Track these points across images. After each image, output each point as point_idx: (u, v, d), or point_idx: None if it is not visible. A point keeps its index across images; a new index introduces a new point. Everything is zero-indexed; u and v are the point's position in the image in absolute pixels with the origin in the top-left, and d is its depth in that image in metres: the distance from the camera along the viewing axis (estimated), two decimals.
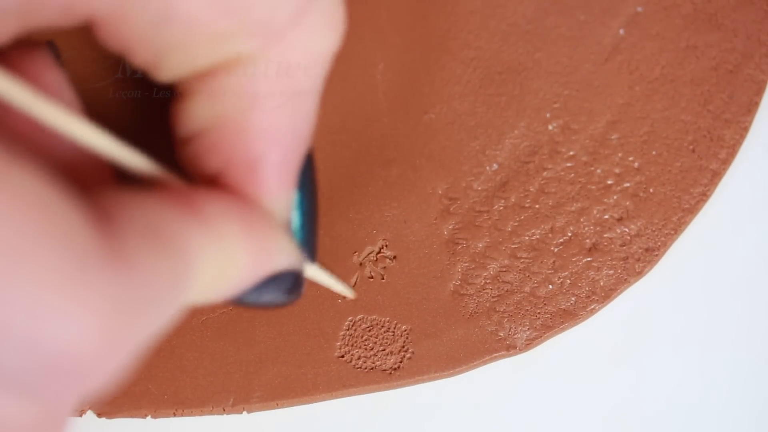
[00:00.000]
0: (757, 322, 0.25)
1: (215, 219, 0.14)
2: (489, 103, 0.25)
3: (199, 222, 0.14)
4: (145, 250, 0.12)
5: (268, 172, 0.16)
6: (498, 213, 0.24)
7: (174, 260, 0.13)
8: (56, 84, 0.15)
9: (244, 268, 0.15)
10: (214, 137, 0.16)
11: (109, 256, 0.12)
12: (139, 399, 0.23)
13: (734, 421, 0.25)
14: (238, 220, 0.15)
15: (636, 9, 0.25)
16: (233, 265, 0.15)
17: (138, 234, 0.12)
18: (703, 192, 0.25)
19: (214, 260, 0.14)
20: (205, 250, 0.14)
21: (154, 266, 0.12)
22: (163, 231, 0.13)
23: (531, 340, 0.24)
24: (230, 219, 0.15)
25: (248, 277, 0.16)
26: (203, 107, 0.16)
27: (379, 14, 0.25)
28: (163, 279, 0.13)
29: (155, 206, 0.13)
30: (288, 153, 0.16)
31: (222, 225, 0.15)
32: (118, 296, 0.12)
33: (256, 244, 0.16)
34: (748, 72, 0.25)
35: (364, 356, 0.24)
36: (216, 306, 0.24)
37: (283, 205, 0.17)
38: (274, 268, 0.16)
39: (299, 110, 0.16)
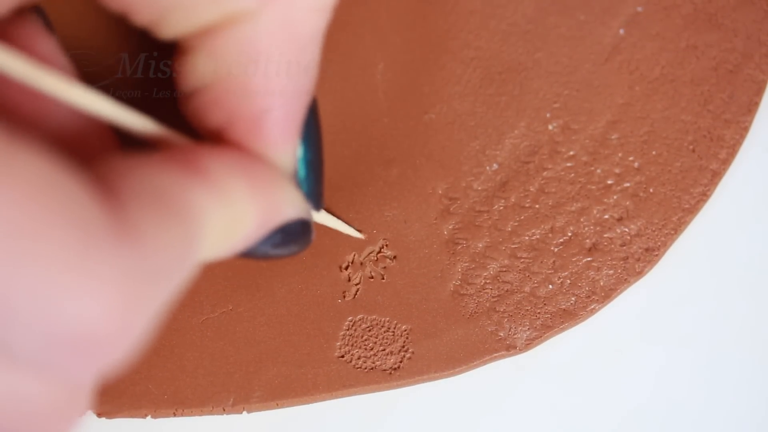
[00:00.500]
0: (758, 321, 0.25)
1: (220, 177, 0.14)
2: (489, 103, 0.25)
3: (204, 182, 0.14)
4: (151, 219, 0.12)
5: (272, 126, 0.16)
6: (498, 213, 0.24)
7: (182, 225, 0.13)
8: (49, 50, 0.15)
9: (252, 222, 0.15)
10: (216, 92, 0.16)
11: (116, 229, 0.12)
12: (139, 399, 0.23)
13: (735, 421, 0.25)
14: (244, 176, 0.15)
15: (636, 9, 0.25)
16: (241, 220, 0.15)
17: (143, 203, 0.12)
18: (703, 192, 0.25)
19: (222, 218, 0.14)
20: (212, 209, 0.14)
21: (162, 234, 0.12)
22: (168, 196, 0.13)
23: (531, 340, 0.24)
24: (235, 175, 0.15)
25: (257, 231, 0.16)
26: (205, 63, 0.16)
27: (379, 14, 0.25)
28: (172, 245, 0.13)
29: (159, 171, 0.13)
30: (291, 106, 0.16)
31: (227, 182, 0.15)
32: (129, 268, 0.12)
33: (263, 198, 0.16)
34: (748, 72, 0.25)
35: (364, 356, 0.24)
36: (216, 305, 0.24)
37: (287, 158, 0.17)
38: (282, 220, 0.17)
39: (300, 63, 0.16)
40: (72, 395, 0.13)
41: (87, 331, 0.11)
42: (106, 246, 0.11)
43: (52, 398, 0.12)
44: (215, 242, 0.15)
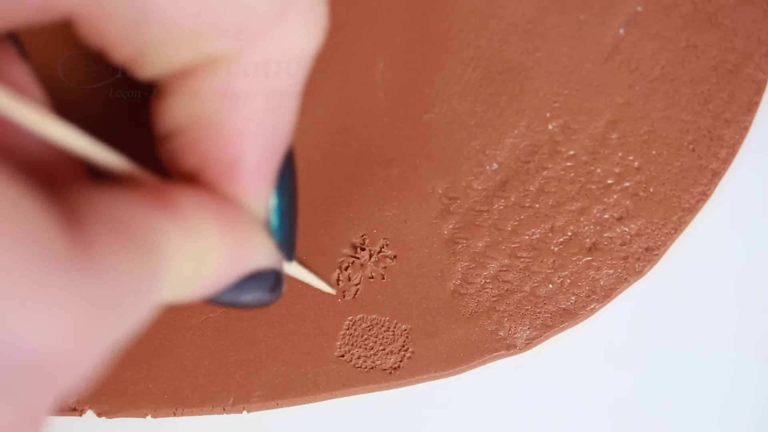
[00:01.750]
0: (758, 321, 0.25)
1: (190, 213, 0.14)
2: (489, 103, 0.25)
3: (173, 216, 0.14)
4: (113, 249, 0.12)
5: (246, 172, 0.16)
6: (498, 212, 0.24)
7: (145, 257, 0.13)
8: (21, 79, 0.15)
9: (220, 264, 0.15)
10: (192, 136, 0.16)
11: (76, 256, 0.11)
12: (139, 398, 0.23)
13: (734, 420, 0.25)
14: (214, 216, 0.15)
15: (636, 8, 0.25)
16: (209, 261, 0.15)
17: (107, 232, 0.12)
18: (703, 191, 0.25)
19: (189, 256, 0.14)
20: (180, 245, 0.14)
21: (123, 265, 0.12)
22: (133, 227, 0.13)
23: (531, 340, 0.24)
24: (206, 214, 0.15)
25: (225, 275, 0.16)
26: (182, 105, 0.16)
27: (379, 14, 0.25)
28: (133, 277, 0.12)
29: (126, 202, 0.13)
30: (266, 154, 0.16)
31: (197, 220, 0.15)
32: (86, 297, 0.11)
33: (233, 241, 0.15)
34: (748, 71, 0.25)
35: (364, 356, 0.24)
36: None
37: (261, 205, 0.17)
38: (251, 267, 0.16)
39: (278, 111, 0.16)
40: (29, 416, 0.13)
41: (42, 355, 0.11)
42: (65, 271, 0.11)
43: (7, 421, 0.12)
44: (181, 281, 0.14)
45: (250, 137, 0.16)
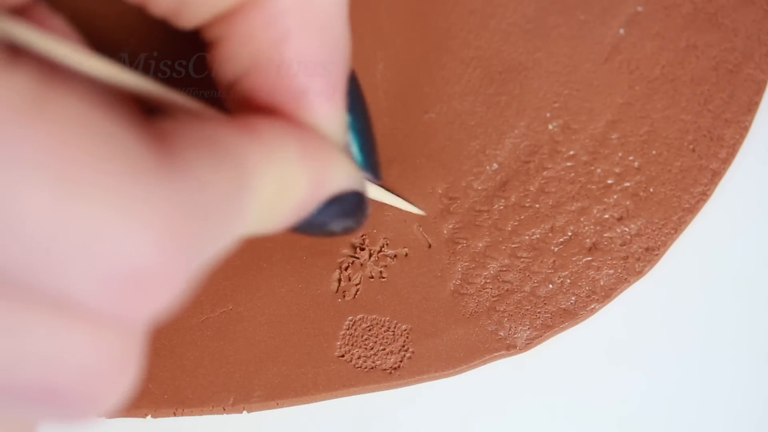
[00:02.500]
0: (757, 321, 0.25)
1: (272, 138, 0.14)
2: (489, 103, 0.25)
3: (256, 140, 0.14)
4: (201, 160, 0.12)
5: (316, 99, 0.16)
6: (498, 212, 0.24)
7: (232, 170, 0.13)
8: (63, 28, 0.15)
9: (303, 188, 0.15)
10: (255, 77, 0.16)
11: (163, 166, 0.11)
12: (139, 398, 0.23)
13: (734, 420, 0.25)
14: (294, 141, 0.15)
15: (636, 8, 0.25)
16: (292, 185, 0.15)
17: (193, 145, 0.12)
18: (704, 191, 0.25)
19: (273, 179, 0.14)
20: (264, 167, 0.14)
21: (211, 174, 0.12)
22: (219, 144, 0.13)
23: (531, 340, 0.24)
24: (287, 139, 0.15)
25: (309, 199, 0.16)
26: (237, 51, 0.16)
27: (379, 14, 0.25)
28: (221, 187, 0.12)
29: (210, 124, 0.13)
30: (330, 77, 0.16)
31: (279, 144, 0.14)
32: (176, 204, 0.11)
33: (314, 164, 0.15)
34: (748, 71, 0.25)
35: (364, 356, 0.24)
36: (216, 305, 0.24)
37: (337, 128, 0.17)
38: (334, 189, 0.16)
39: (330, 33, 0.16)
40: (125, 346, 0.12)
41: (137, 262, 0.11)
42: (153, 182, 0.11)
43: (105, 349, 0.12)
44: (266, 206, 0.14)
45: (311, 65, 0.16)
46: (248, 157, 0.13)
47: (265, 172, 0.14)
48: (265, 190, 0.14)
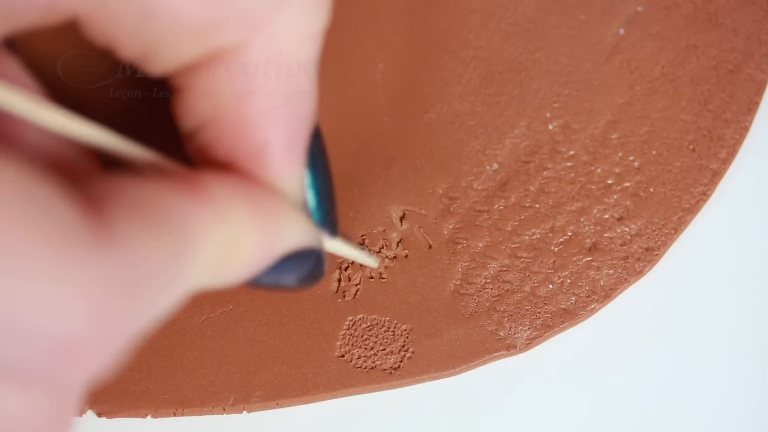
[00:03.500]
0: (757, 321, 0.25)
1: (220, 197, 0.14)
2: (489, 103, 0.25)
3: (202, 199, 0.14)
4: (137, 230, 0.12)
5: (275, 156, 0.16)
6: (498, 212, 0.24)
7: (171, 237, 0.13)
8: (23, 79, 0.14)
9: (254, 248, 0.15)
10: (216, 129, 0.16)
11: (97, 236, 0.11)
12: (139, 398, 0.23)
13: (734, 420, 0.25)
14: (245, 199, 0.15)
15: (636, 8, 0.25)
16: (242, 244, 0.15)
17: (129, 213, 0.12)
18: (704, 191, 0.25)
19: (220, 240, 0.14)
20: (209, 229, 0.14)
21: (148, 243, 0.12)
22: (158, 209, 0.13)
23: (531, 340, 0.24)
24: (236, 197, 0.15)
25: (261, 258, 0.16)
26: (200, 101, 0.16)
27: (379, 14, 0.25)
28: (158, 257, 0.12)
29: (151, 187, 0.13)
30: (292, 134, 0.16)
31: (227, 204, 0.14)
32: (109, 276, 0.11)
33: (266, 223, 0.15)
34: (748, 71, 0.25)
35: (364, 356, 0.24)
36: (216, 305, 0.24)
37: (295, 186, 0.17)
38: (288, 248, 0.16)
39: (297, 91, 0.16)
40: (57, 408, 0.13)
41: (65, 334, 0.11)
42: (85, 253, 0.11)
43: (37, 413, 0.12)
44: (213, 266, 0.14)
45: (274, 122, 0.16)
46: (192, 219, 0.13)
47: (211, 234, 0.14)
48: (211, 250, 0.14)
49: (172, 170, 0.15)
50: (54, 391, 0.12)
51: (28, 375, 0.12)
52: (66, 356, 0.11)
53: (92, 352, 0.12)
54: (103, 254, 0.11)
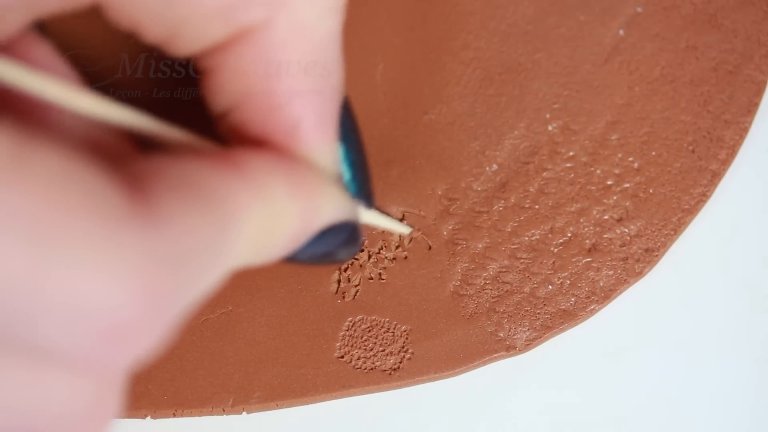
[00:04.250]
0: (757, 322, 0.25)
1: (259, 175, 0.14)
2: (489, 104, 0.25)
3: (242, 178, 0.14)
4: (179, 207, 0.12)
5: (308, 131, 0.16)
6: (498, 213, 0.24)
7: (214, 213, 0.13)
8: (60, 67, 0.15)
9: (293, 223, 0.15)
10: (246, 109, 0.16)
11: (141, 217, 0.11)
12: (139, 399, 0.23)
13: (734, 421, 0.25)
14: (284, 175, 0.15)
15: (636, 9, 0.25)
16: (281, 220, 0.15)
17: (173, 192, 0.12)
18: (703, 193, 0.25)
19: (261, 216, 0.14)
20: (250, 206, 0.14)
21: (191, 221, 0.12)
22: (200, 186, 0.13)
23: (531, 341, 0.24)
24: (275, 174, 0.15)
25: (300, 233, 0.16)
26: (229, 83, 0.16)
27: (379, 15, 0.25)
28: (202, 233, 0.12)
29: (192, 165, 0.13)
30: (322, 109, 0.16)
31: (266, 180, 0.14)
32: (154, 252, 0.11)
33: (304, 198, 0.15)
34: (747, 72, 0.25)
35: (363, 357, 0.24)
36: (216, 306, 0.24)
37: (329, 159, 0.17)
38: (325, 222, 0.16)
39: (323, 65, 0.16)
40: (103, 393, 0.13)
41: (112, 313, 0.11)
42: (130, 231, 0.11)
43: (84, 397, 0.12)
44: (254, 242, 0.14)
45: (303, 97, 0.16)
46: (233, 197, 0.13)
47: (252, 211, 0.14)
48: (252, 228, 0.14)
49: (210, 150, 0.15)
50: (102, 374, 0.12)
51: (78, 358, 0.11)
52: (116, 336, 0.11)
53: (142, 330, 0.12)
54: (148, 232, 0.11)
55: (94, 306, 0.11)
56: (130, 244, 0.11)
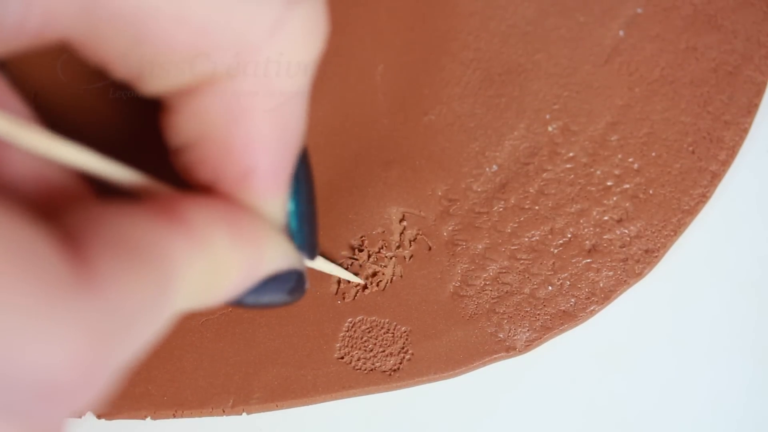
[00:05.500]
0: (757, 323, 0.25)
1: (201, 226, 0.14)
2: (489, 105, 0.25)
3: (182, 231, 0.14)
4: (118, 270, 0.12)
5: (259, 182, 0.16)
6: (498, 214, 0.24)
7: (153, 274, 0.13)
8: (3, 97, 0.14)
9: (235, 272, 0.15)
10: (201, 151, 0.16)
11: (79, 281, 0.12)
12: (139, 400, 0.23)
13: (734, 421, 0.25)
14: (226, 226, 0.15)
15: (636, 10, 0.25)
16: (224, 270, 0.15)
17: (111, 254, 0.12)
18: (703, 193, 0.25)
19: (202, 268, 0.14)
20: (191, 258, 0.14)
21: (129, 285, 0.12)
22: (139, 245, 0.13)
23: (530, 342, 0.24)
24: (218, 225, 0.15)
25: (242, 281, 0.16)
26: (188, 123, 0.16)
27: (379, 15, 0.25)
28: (140, 294, 0.12)
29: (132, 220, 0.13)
30: (277, 161, 0.16)
31: (209, 232, 0.14)
32: (92, 320, 0.12)
33: (247, 249, 0.16)
34: (747, 73, 0.25)
35: (363, 357, 0.24)
36: (216, 307, 0.24)
37: (278, 210, 0.17)
38: (269, 271, 0.17)
39: (285, 118, 0.16)
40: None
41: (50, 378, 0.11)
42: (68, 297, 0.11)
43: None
44: (196, 292, 0.14)
45: (260, 148, 0.16)
46: (172, 251, 0.13)
47: (193, 262, 0.14)
48: (193, 277, 0.14)
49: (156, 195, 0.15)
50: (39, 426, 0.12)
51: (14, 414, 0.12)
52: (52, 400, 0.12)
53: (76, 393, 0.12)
54: (85, 298, 0.12)
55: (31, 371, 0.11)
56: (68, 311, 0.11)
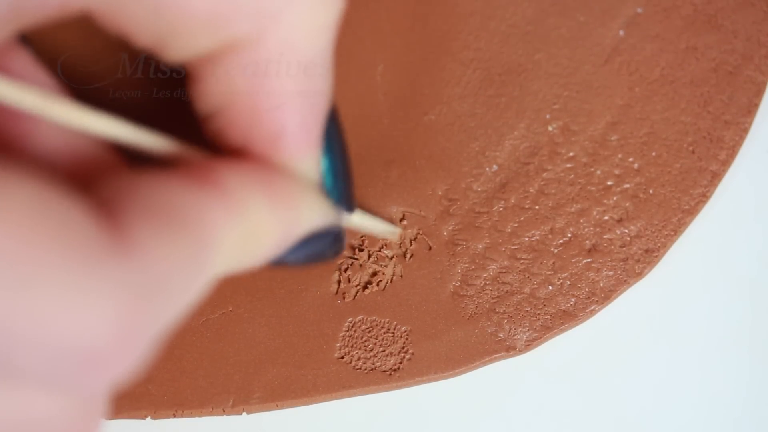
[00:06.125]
0: (757, 323, 0.25)
1: (237, 190, 0.14)
2: (489, 105, 0.25)
3: (219, 195, 0.14)
4: (155, 235, 0.12)
5: (290, 142, 0.16)
6: (498, 214, 0.24)
7: (189, 239, 0.13)
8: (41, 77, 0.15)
9: (274, 233, 0.15)
10: (230, 115, 0.16)
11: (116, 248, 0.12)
12: (139, 400, 0.23)
13: (734, 421, 0.25)
14: (262, 188, 0.15)
15: (636, 10, 0.25)
16: (261, 233, 0.15)
17: (146, 219, 0.12)
18: (703, 193, 0.25)
19: (240, 230, 0.14)
20: (228, 222, 0.14)
21: (166, 249, 0.12)
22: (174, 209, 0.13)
23: (531, 341, 0.24)
24: (253, 188, 0.15)
25: (281, 242, 0.16)
26: (214, 90, 0.16)
27: (379, 15, 0.25)
28: (177, 259, 0.13)
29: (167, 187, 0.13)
30: (306, 120, 0.16)
31: (244, 195, 0.15)
32: (129, 282, 0.12)
33: (283, 209, 0.16)
34: (747, 73, 0.25)
35: (363, 357, 0.24)
36: (216, 307, 0.24)
37: (311, 168, 0.17)
38: (307, 229, 0.17)
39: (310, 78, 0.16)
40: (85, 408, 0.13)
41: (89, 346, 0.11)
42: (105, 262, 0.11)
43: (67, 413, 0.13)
44: (234, 255, 0.14)
45: (287, 109, 0.16)
46: (208, 216, 0.13)
47: (230, 226, 0.14)
48: (231, 241, 0.14)
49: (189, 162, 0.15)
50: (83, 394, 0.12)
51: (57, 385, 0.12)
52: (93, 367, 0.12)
53: (118, 360, 0.12)
54: (122, 262, 0.12)
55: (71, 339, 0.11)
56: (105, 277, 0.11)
